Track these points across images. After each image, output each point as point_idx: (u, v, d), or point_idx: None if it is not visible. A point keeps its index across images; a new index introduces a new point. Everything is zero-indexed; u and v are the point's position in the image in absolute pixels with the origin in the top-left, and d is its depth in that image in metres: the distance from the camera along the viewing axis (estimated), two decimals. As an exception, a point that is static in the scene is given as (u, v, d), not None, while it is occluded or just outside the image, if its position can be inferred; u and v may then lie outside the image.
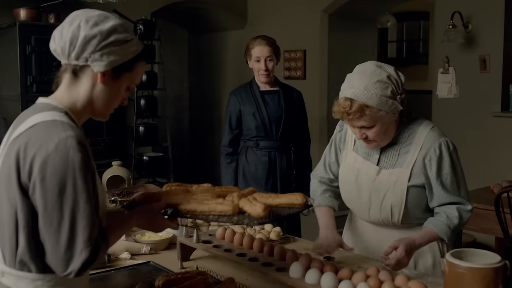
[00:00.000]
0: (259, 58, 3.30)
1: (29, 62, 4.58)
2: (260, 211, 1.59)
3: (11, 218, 1.36)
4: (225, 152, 3.44)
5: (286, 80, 5.46)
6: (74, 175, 1.30)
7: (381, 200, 2.05)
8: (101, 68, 1.42)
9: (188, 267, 2.10)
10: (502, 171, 4.37)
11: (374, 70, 1.93)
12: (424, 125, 2.04)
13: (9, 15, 4.86)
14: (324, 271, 1.74)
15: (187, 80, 7.37)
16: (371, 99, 1.88)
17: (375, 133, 1.97)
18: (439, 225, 1.99)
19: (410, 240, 1.96)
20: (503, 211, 3.38)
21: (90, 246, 1.32)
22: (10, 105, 4.78)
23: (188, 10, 6.38)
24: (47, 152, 1.30)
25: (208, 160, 6.85)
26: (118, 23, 1.45)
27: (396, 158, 2.04)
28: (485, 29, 4.56)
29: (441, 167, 1.98)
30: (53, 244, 1.32)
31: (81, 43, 1.40)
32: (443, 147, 1.98)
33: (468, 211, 2.01)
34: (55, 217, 1.30)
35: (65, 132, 1.33)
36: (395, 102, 1.92)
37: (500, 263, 1.57)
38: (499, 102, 4.54)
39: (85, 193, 1.32)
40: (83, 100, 1.46)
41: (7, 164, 1.35)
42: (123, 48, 1.43)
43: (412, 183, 2.00)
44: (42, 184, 1.30)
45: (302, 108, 3.50)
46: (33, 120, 1.37)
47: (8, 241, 1.37)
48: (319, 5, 5.48)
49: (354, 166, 2.13)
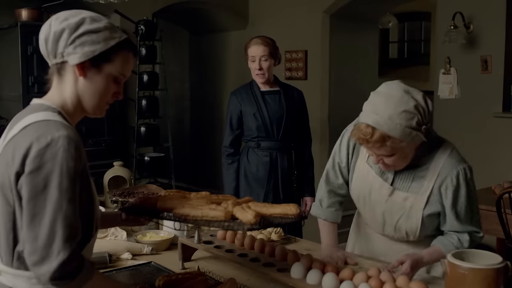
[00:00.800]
0: (254, 58, 3.30)
1: (31, 62, 4.59)
2: (250, 218, 1.62)
3: (8, 217, 1.37)
4: (226, 153, 3.44)
5: (287, 80, 5.45)
6: (61, 173, 1.31)
7: (395, 223, 2.02)
8: (76, 60, 1.43)
9: (189, 268, 2.10)
10: (504, 171, 4.37)
11: (402, 96, 1.80)
12: (442, 148, 1.95)
13: (10, 16, 4.87)
14: (325, 272, 1.74)
15: (188, 80, 7.38)
16: (394, 130, 1.78)
17: (393, 161, 1.89)
18: (448, 247, 1.94)
19: (418, 257, 1.92)
20: (505, 212, 3.38)
21: (69, 249, 1.31)
22: (12, 106, 4.79)
23: (189, 11, 6.38)
24: (38, 148, 1.31)
25: (210, 160, 6.85)
26: (88, 15, 1.46)
27: (411, 182, 1.97)
28: (487, 30, 4.56)
29: (457, 197, 1.92)
30: (31, 241, 1.31)
31: (52, 39, 1.43)
32: (460, 177, 1.91)
33: (479, 237, 1.97)
34: (36, 213, 1.31)
35: (58, 131, 1.34)
36: (419, 134, 1.81)
37: (501, 264, 1.57)
38: (501, 102, 4.54)
39: (69, 193, 1.32)
40: (71, 97, 1.48)
41: (4, 165, 1.37)
42: (95, 38, 1.43)
43: (428, 211, 1.96)
44: (28, 177, 1.31)
45: (303, 107, 3.49)
46: (27, 121, 1.40)
47: (5, 240, 1.39)
48: (320, 6, 5.48)
49: (367, 180, 2.06)
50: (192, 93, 7.37)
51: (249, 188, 3.36)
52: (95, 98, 1.49)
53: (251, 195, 3.33)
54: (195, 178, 7.25)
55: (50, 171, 1.31)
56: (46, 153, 1.31)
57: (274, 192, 3.35)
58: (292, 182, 3.41)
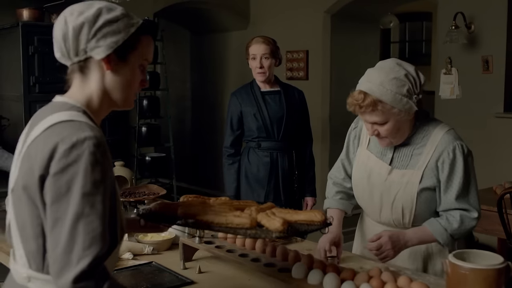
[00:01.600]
0: (255, 56, 3.30)
1: (32, 62, 4.59)
2: (278, 225, 1.55)
3: (37, 221, 1.30)
4: (227, 154, 3.44)
5: (288, 80, 5.45)
6: (85, 176, 1.24)
7: (392, 201, 2.03)
8: (102, 53, 1.36)
9: (190, 267, 2.09)
10: (505, 172, 4.36)
11: (393, 67, 1.91)
12: (440, 127, 2.00)
13: (12, 15, 4.87)
14: (326, 272, 1.74)
15: (190, 80, 7.38)
16: (385, 95, 1.87)
17: (387, 130, 1.94)
18: (435, 225, 1.96)
19: (399, 232, 1.96)
20: (506, 212, 3.38)
21: (90, 257, 1.21)
22: (13, 105, 4.79)
23: (190, 11, 6.38)
24: (63, 150, 1.24)
25: (211, 160, 6.85)
26: (103, 5, 1.38)
27: (409, 159, 2.01)
28: (488, 30, 4.55)
29: (453, 171, 1.94)
30: (52, 248, 1.24)
31: (72, 36, 1.35)
32: (457, 151, 1.94)
33: (472, 218, 1.96)
34: (58, 217, 1.23)
35: (84, 132, 1.27)
36: (410, 102, 1.89)
37: (502, 264, 1.57)
38: (502, 103, 4.53)
39: (93, 198, 1.24)
40: (98, 93, 1.41)
41: (27, 166, 1.30)
42: (115, 27, 1.36)
43: (423, 185, 1.98)
44: (51, 180, 1.24)
45: (304, 107, 3.49)
46: (50, 120, 1.32)
47: (34, 244, 1.31)
48: (321, 6, 5.48)
49: (367, 165, 2.11)
50: (193, 93, 7.37)
51: (250, 189, 3.36)
52: (125, 90, 1.43)
53: (252, 195, 3.34)
54: (196, 178, 7.25)
55: (74, 173, 1.23)
56: (70, 155, 1.24)
57: (275, 193, 3.35)
58: (293, 182, 3.41)
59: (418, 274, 1.97)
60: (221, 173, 3.52)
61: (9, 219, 1.39)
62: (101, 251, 1.23)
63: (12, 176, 1.39)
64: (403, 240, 1.96)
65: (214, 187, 6.64)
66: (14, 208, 1.36)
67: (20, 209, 1.33)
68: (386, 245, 1.92)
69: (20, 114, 4.61)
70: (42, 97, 4.58)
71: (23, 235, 1.33)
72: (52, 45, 1.43)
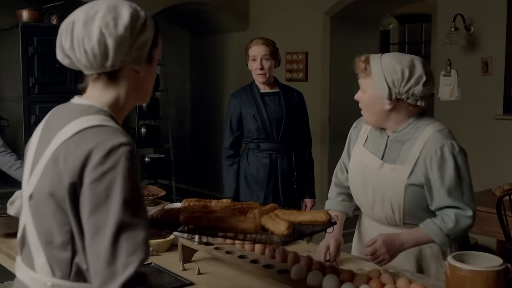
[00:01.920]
0: (255, 57, 3.30)
1: (31, 63, 4.58)
2: (283, 229, 1.53)
3: (66, 228, 1.26)
4: (226, 155, 3.44)
5: (288, 82, 5.46)
6: (124, 183, 1.20)
7: (382, 196, 2.04)
8: (141, 62, 1.35)
9: (189, 269, 2.09)
10: (504, 174, 4.37)
11: (405, 59, 1.98)
12: (433, 125, 2.00)
13: (11, 16, 4.86)
14: (325, 273, 1.74)
15: (189, 81, 7.38)
16: (376, 67, 1.96)
17: (363, 101, 2.06)
18: (430, 226, 1.95)
19: (394, 235, 1.96)
20: (505, 214, 3.38)
21: (136, 263, 1.18)
22: (12, 106, 4.78)
23: (190, 12, 6.39)
24: (99, 157, 1.21)
25: (210, 161, 6.85)
26: (131, 6, 1.33)
27: (398, 153, 2.02)
28: (487, 32, 4.56)
29: (443, 169, 1.93)
30: (94, 259, 1.20)
31: (113, 50, 1.29)
32: (445, 149, 1.93)
33: (467, 217, 1.94)
34: (99, 226, 1.19)
35: (118, 138, 1.24)
36: (387, 89, 1.94)
37: (501, 266, 1.57)
38: (501, 104, 4.54)
39: (133, 204, 1.21)
40: (125, 96, 1.38)
41: (55, 172, 1.26)
42: (146, 32, 1.34)
43: (410, 181, 1.98)
44: (89, 189, 1.20)
45: (303, 109, 3.49)
46: (79, 124, 1.28)
47: (61, 251, 1.28)
48: (321, 7, 5.48)
49: (363, 161, 2.13)
50: (192, 94, 7.37)
51: (249, 190, 3.36)
52: (149, 88, 1.43)
53: (251, 196, 3.34)
54: (195, 179, 7.25)
55: (112, 181, 1.20)
56: (107, 162, 1.20)
57: (274, 194, 3.35)
58: (292, 184, 3.41)
59: (417, 275, 1.97)
60: (221, 174, 3.52)
61: (24, 226, 1.35)
62: (145, 256, 1.22)
63: (28, 182, 1.34)
64: (398, 243, 1.95)
65: (213, 188, 6.64)
66: (33, 215, 1.32)
67: (43, 216, 1.29)
68: (381, 250, 1.92)
69: (20, 115, 4.61)
70: (41, 98, 4.58)
71: (48, 243, 1.29)
72: (51, 46, 1.39)
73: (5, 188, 3.68)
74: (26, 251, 1.36)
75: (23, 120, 4.57)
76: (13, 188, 3.49)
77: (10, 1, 5.15)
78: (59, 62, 1.39)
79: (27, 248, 1.36)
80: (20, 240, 1.38)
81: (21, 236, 1.38)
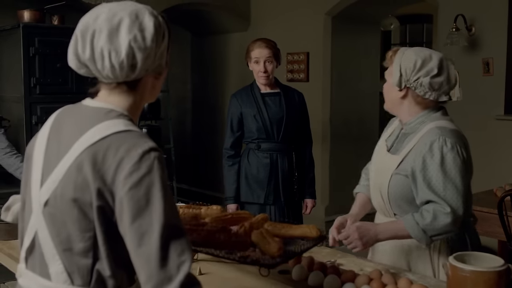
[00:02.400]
0: (258, 60, 3.31)
1: (33, 63, 4.59)
2: (274, 251, 1.54)
3: (88, 234, 1.25)
4: (227, 155, 3.44)
5: (289, 82, 5.46)
6: (162, 185, 1.21)
7: (375, 183, 2.12)
8: (162, 70, 1.36)
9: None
10: (505, 174, 4.36)
11: (427, 53, 2.04)
12: (436, 122, 2.01)
13: (13, 17, 4.87)
14: (327, 274, 1.74)
15: (190, 82, 7.39)
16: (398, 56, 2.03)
17: (384, 88, 2.11)
18: (408, 219, 1.93)
19: (371, 224, 1.99)
20: (506, 214, 3.38)
21: (188, 261, 1.19)
22: (14, 107, 4.79)
23: (191, 12, 6.39)
24: (132, 162, 1.21)
25: (211, 162, 6.85)
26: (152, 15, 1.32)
27: (401, 145, 2.08)
28: (489, 32, 4.56)
29: (427, 162, 1.92)
30: (143, 265, 1.19)
31: (142, 61, 1.28)
32: (435, 144, 1.92)
33: (446, 213, 1.88)
34: (144, 231, 1.19)
35: (147, 143, 1.24)
36: (397, 78, 2.01)
37: (503, 267, 1.57)
38: (502, 105, 4.54)
39: (172, 205, 1.23)
40: (141, 100, 1.38)
41: (79, 178, 1.24)
42: (165, 38, 1.34)
43: (397, 170, 2.01)
44: (127, 196, 1.19)
45: (303, 109, 3.50)
46: (104, 130, 1.26)
47: (82, 258, 1.26)
48: (322, 8, 5.48)
49: (377, 151, 2.21)
50: (193, 95, 7.37)
51: (250, 190, 3.37)
52: (160, 88, 1.43)
53: (252, 196, 3.35)
54: (196, 180, 7.26)
55: (150, 185, 1.20)
56: (141, 167, 1.20)
57: (274, 194, 3.36)
58: (293, 184, 3.41)
59: (419, 276, 1.97)
60: (222, 175, 3.52)
61: (35, 234, 1.32)
62: (192, 255, 1.22)
63: (41, 188, 1.30)
64: (373, 232, 1.94)
65: (214, 188, 6.65)
66: (49, 222, 1.29)
67: (62, 223, 1.27)
68: (353, 235, 1.91)
69: (21, 116, 4.61)
70: (42, 99, 4.58)
71: (66, 250, 1.27)
72: (53, 47, 1.38)
73: (6, 188, 3.69)
74: (37, 259, 1.33)
75: (24, 120, 4.58)
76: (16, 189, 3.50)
77: (11, 1, 5.15)
78: (60, 63, 1.38)
79: (38, 256, 1.32)
80: (28, 249, 1.34)
81: (30, 244, 1.34)
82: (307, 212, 3.52)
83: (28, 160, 1.39)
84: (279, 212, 3.36)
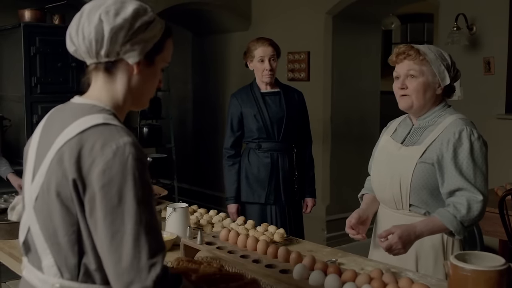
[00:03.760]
0: (263, 58, 3.31)
1: (34, 63, 4.59)
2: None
3: (72, 228, 1.25)
4: (227, 155, 3.44)
5: (290, 81, 5.46)
6: (134, 183, 1.20)
7: (393, 174, 2.11)
8: (136, 58, 1.33)
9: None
10: (506, 173, 4.36)
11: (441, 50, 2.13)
12: (456, 115, 2.12)
13: (13, 16, 4.87)
14: (327, 273, 1.74)
15: (191, 81, 7.39)
16: (429, 54, 2.07)
17: (417, 85, 2.08)
18: (444, 214, 1.97)
19: (409, 227, 1.97)
20: (507, 214, 3.37)
21: (160, 261, 1.20)
22: (15, 106, 4.79)
23: (192, 12, 6.39)
24: (105, 159, 1.20)
25: (212, 161, 6.85)
26: (137, 5, 1.33)
27: (419, 137, 2.11)
28: (490, 31, 4.55)
29: (457, 151, 1.99)
30: (114, 263, 1.19)
31: (108, 37, 1.29)
32: (464, 133, 2.01)
33: (478, 201, 1.96)
34: (116, 230, 1.18)
35: (122, 138, 1.23)
36: (446, 72, 2.08)
37: (504, 266, 1.57)
38: (503, 104, 4.53)
39: (146, 203, 1.21)
40: (123, 95, 1.37)
41: (60, 172, 1.25)
42: (150, 30, 1.34)
43: (422, 159, 2.04)
44: (100, 193, 1.19)
45: (303, 108, 3.50)
46: (83, 123, 1.27)
47: (69, 252, 1.27)
48: (323, 7, 5.48)
49: (384, 146, 2.23)
50: (194, 94, 7.37)
51: (251, 190, 3.37)
52: (148, 92, 1.41)
53: (253, 196, 3.35)
54: (197, 179, 7.26)
55: (123, 182, 1.19)
56: (114, 164, 1.19)
57: (275, 193, 3.36)
58: (294, 183, 3.41)
59: (420, 275, 1.97)
60: (222, 174, 3.52)
61: (28, 228, 1.34)
62: (165, 252, 1.23)
63: (32, 184, 1.32)
64: (413, 235, 1.97)
65: (215, 188, 6.65)
66: (38, 217, 1.31)
67: (49, 217, 1.28)
68: (397, 245, 1.94)
69: (22, 115, 4.62)
70: (43, 98, 4.59)
71: (54, 244, 1.28)
72: (54, 46, 1.40)
73: (4, 188, 3.69)
74: (33, 253, 1.36)
75: (25, 120, 4.58)
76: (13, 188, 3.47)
77: (12, 1, 5.15)
78: (61, 62, 1.40)
79: (33, 250, 1.35)
80: (24, 244, 1.37)
81: (25, 240, 1.37)
82: (308, 211, 3.52)
83: (24, 160, 1.42)
84: (279, 212, 3.36)
